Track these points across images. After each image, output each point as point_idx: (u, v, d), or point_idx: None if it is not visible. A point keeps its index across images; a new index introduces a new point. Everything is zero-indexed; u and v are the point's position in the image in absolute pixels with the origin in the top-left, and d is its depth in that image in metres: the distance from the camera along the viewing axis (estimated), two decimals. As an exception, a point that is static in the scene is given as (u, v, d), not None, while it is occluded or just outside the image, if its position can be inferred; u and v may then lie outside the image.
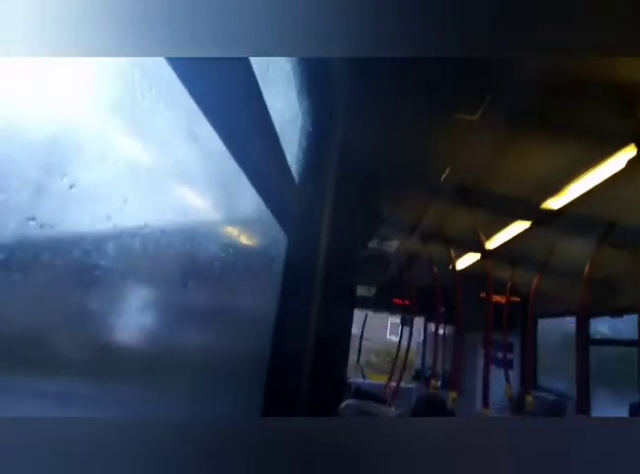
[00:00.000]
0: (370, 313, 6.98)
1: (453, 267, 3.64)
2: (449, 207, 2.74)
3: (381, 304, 5.96)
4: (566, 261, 3.53)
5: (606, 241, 2.68)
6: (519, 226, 2.88)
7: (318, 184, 1.26)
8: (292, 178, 1.03)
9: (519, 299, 4.54)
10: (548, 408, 4.21)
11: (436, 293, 4.06)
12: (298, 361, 1.14)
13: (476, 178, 2.32)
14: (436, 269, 3.94)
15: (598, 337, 4.04)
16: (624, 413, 2.57)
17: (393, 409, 3.77)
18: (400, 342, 5.32)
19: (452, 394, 3.31)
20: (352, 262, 1.56)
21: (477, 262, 3.68)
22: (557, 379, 4.56)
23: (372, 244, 3.48)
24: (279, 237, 1.06)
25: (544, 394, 4.45)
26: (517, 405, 3.96)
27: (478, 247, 3.18)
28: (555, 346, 5.04)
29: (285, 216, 1.00)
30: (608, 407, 3.52)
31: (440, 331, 5.05)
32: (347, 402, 3.63)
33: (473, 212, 2.59)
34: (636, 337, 2.50)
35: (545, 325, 5.10)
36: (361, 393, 4.49)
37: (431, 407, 2.65)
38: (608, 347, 4.09)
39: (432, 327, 5.55)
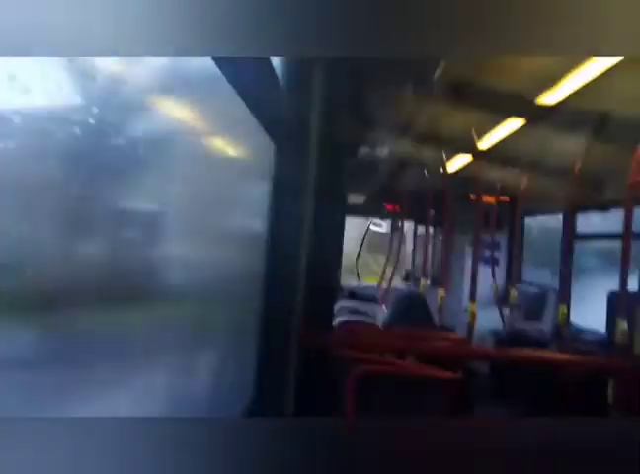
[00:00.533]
0: (362, 220, 7.08)
1: (444, 169, 3.63)
2: (442, 107, 2.66)
3: (373, 210, 6.03)
4: (557, 158, 3.52)
5: (598, 137, 2.66)
6: (512, 124, 2.83)
7: (305, 90, 1.20)
8: (279, 84, 0.98)
9: (508, 199, 4.60)
10: (531, 299, 4.47)
11: (426, 197, 4.10)
12: (294, 270, 1.18)
13: (469, 73, 2.22)
14: (426, 172, 3.93)
15: (583, 232, 4.17)
16: (604, 302, 2.75)
17: (384, 307, 4.00)
18: (391, 245, 5.46)
19: (441, 292, 3.48)
20: (342, 168, 1.54)
21: (468, 163, 3.66)
22: (541, 274, 4.79)
23: (363, 149, 3.42)
24: (267, 146, 1.03)
25: (527, 287, 4.70)
26: (501, 299, 4.19)
27: (470, 148, 3.14)
28: (542, 243, 5.22)
29: (274, 125, 0.96)
30: (588, 297, 3.74)
31: (431, 233, 5.17)
32: (341, 304, 3.84)
33: (465, 111, 2.52)
34: (621, 230, 2.59)
35: (533, 223, 5.23)
36: (355, 295, 4.73)
37: (409, 303, 2.82)
38: (593, 242, 4.24)
39: (422, 230, 5.67)
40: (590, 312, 3.42)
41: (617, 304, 2.44)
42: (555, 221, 4.14)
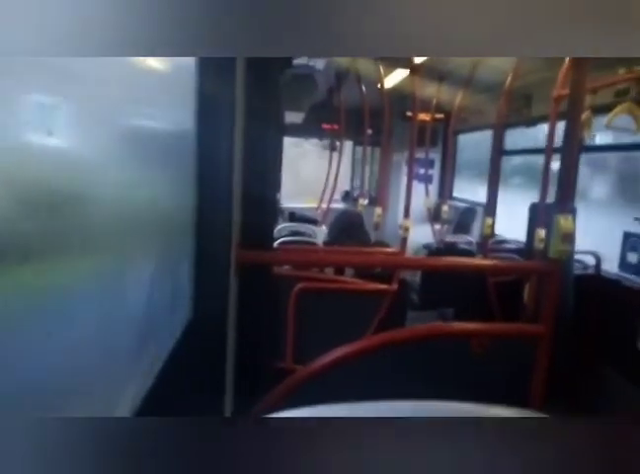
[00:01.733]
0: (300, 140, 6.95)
1: (382, 85, 3.56)
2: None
3: (310, 130, 5.91)
4: (489, 74, 3.55)
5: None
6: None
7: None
8: None
9: (442, 116, 4.65)
10: (461, 214, 4.73)
11: (364, 115, 4.04)
12: (228, 193, 1.14)
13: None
14: (364, 88, 3.84)
15: (510, 148, 4.36)
16: (525, 211, 2.95)
17: (324, 228, 4.06)
18: (330, 165, 5.44)
19: (378, 210, 3.57)
20: (277, 83, 1.46)
21: (405, 79, 3.61)
22: (471, 190, 5.03)
23: (298, 61, 3.25)
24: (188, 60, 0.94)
25: (458, 203, 4.94)
26: (434, 214, 4.39)
27: (406, 62, 3.08)
28: (472, 159, 5.41)
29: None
30: (512, 206, 4.00)
31: (368, 152, 5.18)
32: (281, 225, 3.86)
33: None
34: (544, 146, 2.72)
35: (465, 140, 5.38)
36: (295, 217, 4.75)
37: (347, 221, 2.90)
38: (520, 157, 4.45)
39: (359, 150, 5.66)
40: (514, 224, 3.67)
41: (537, 215, 2.64)
42: (487, 138, 4.27)
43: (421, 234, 4.20)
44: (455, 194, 5.28)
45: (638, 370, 2.58)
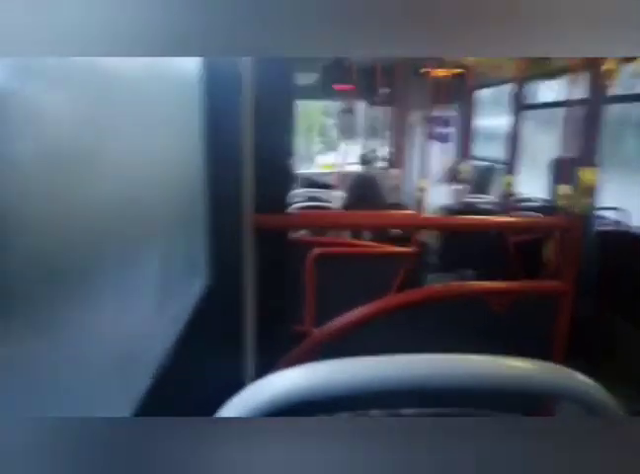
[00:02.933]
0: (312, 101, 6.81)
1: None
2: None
3: (324, 91, 5.78)
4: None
5: None
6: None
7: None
8: None
9: (459, 71, 4.48)
10: (480, 173, 4.62)
11: (376, 73, 3.92)
12: (238, 157, 1.12)
13: None
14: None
15: (530, 102, 4.19)
16: (545, 168, 2.86)
17: (340, 192, 4.03)
18: (345, 128, 5.33)
19: (396, 171, 3.51)
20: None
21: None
22: (492, 148, 4.89)
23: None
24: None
25: (477, 162, 4.82)
26: (452, 174, 4.29)
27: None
28: (492, 115, 5.23)
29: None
30: (530, 167, 3.89)
31: (383, 113, 5.05)
32: (297, 191, 3.84)
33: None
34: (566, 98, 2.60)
35: (485, 95, 5.19)
36: (310, 182, 4.72)
37: (362, 185, 2.86)
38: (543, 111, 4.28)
39: (374, 110, 5.52)
40: (535, 180, 3.58)
41: (558, 170, 2.55)
42: (506, 93, 4.11)
43: (439, 195, 4.13)
44: (475, 152, 5.14)
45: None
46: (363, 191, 2.80)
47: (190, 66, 0.94)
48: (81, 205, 0.49)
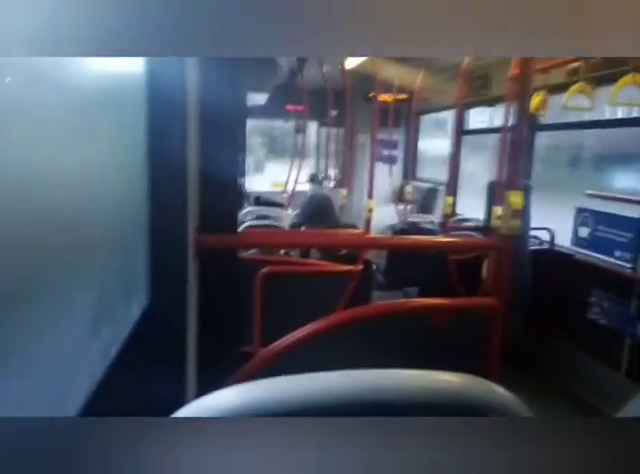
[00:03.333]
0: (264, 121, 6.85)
1: (343, 67, 3.54)
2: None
3: (275, 112, 5.83)
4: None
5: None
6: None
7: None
8: None
9: (405, 97, 4.68)
10: (424, 194, 4.81)
11: (327, 96, 4.02)
12: (182, 175, 1.11)
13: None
14: (327, 69, 3.81)
15: (470, 128, 4.43)
16: (483, 191, 3.03)
17: (290, 211, 4.05)
18: (296, 147, 5.40)
19: (343, 191, 3.58)
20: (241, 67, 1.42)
21: (366, 60, 3.60)
22: (434, 170, 5.11)
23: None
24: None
25: (420, 183, 5.01)
26: (398, 194, 4.45)
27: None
28: (434, 139, 5.48)
29: None
30: (470, 186, 4.09)
31: (333, 133, 5.17)
32: (247, 209, 3.82)
33: None
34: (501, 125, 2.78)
35: (428, 120, 5.44)
36: (260, 201, 4.72)
37: (316, 204, 2.90)
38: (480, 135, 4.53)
39: (324, 131, 5.64)
40: (475, 202, 3.77)
41: (492, 192, 2.71)
42: (449, 118, 4.33)
43: (386, 215, 4.25)
44: (419, 174, 5.36)
45: (589, 339, 2.72)
46: (316, 211, 2.82)
47: (133, 72, 0.93)
48: (9, 222, 0.47)
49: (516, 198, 1.18)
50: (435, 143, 5.40)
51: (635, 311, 2.45)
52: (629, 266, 2.55)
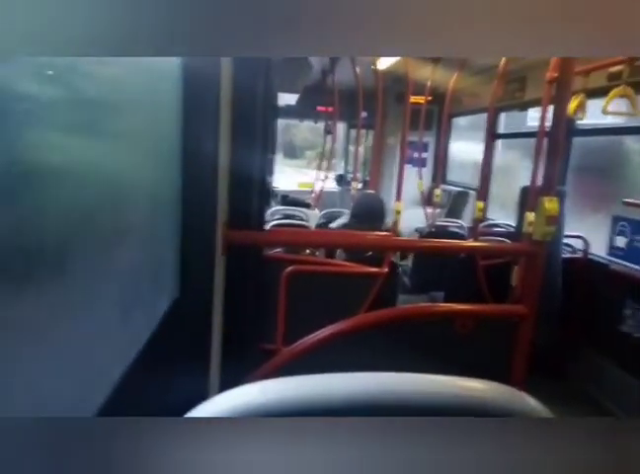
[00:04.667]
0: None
1: (376, 67, 3.52)
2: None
3: (305, 112, 5.86)
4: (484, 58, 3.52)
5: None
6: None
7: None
8: None
9: (435, 99, 4.62)
10: (453, 197, 4.73)
11: (358, 97, 4.01)
12: (213, 172, 1.13)
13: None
14: (358, 70, 3.80)
15: (504, 131, 4.34)
16: (515, 195, 2.96)
17: (317, 211, 4.06)
18: (324, 149, 5.40)
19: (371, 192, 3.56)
20: (269, 63, 1.44)
21: (399, 61, 3.57)
22: (465, 174, 5.03)
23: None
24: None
25: (451, 187, 4.94)
26: (427, 198, 4.39)
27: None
28: (465, 144, 5.39)
29: None
30: (502, 194, 4.00)
31: (362, 135, 5.15)
32: (274, 208, 3.85)
33: None
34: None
35: (460, 122, 5.35)
36: (288, 200, 4.74)
37: (368, 204, 2.85)
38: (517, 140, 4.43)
39: (354, 132, 5.62)
40: (506, 208, 3.69)
41: (526, 198, 2.65)
42: (482, 121, 4.25)
43: (414, 218, 4.21)
44: (450, 177, 5.28)
45: (621, 352, 2.62)
46: (369, 212, 2.73)
47: (169, 69, 0.95)
48: (45, 209, 0.49)
49: (551, 204, 1.15)
50: (467, 146, 5.31)
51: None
52: (668, 278, 2.45)
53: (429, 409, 0.43)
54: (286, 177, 6.22)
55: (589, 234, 3.00)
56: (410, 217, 3.80)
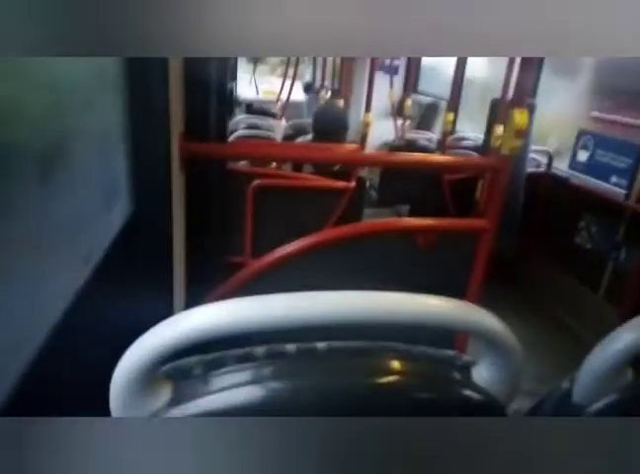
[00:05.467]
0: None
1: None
2: None
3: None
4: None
5: None
6: None
7: None
8: None
9: None
10: (424, 109, 4.62)
11: None
12: (163, 77, 1.02)
13: None
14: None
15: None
16: (486, 108, 2.90)
17: (283, 121, 3.90)
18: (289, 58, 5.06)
19: (340, 102, 3.42)
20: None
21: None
22: (436, 84, 4.86)
23: None
24: None
25: (422, 97, 4.79)
26: (397, 108, 4.25)
27: None
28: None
29: None
30: (473, 105, 3.92)
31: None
32: (238, 118, 3.66)
33: None
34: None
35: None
36: (253, 109, 4.52)
37: (327, 116, 2.73)
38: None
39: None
40: (477, 120, 3.63)
41: (496, 110, 2.60)
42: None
43: (384, 130, 4.11)
44: (421, 87, 5.10)
45: (574, 263, 2.79)
46: (332, 125, 2.62)
47: None
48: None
49: (521, 118, 1.12)
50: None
51: (621, 237, 2.48)
52: (624, 192, 2.54)
53: (385, 326, 0.43)
54: (245, 84, 5.84)
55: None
56: (379, 130, 3.71)
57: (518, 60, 2.10)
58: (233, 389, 0.41)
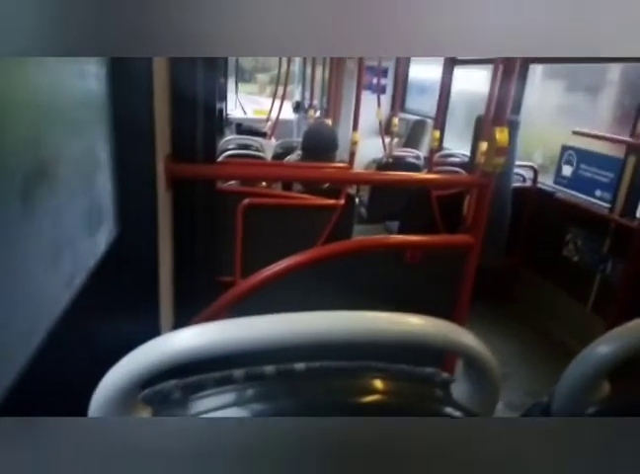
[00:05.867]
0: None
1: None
2: None
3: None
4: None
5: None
6: None
7: None
8: None
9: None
10: (412, 127, 4.69)
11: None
12: (146, 98, 1.03)
13: None
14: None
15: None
16: (471, 124, 2.96)
17: (273, 140, 3.93)
18: (279, 75, 5.14)
19: (328, 121, 3.46)
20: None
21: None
22: (423, 103, 4.94)
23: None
24: None
25: (409, 115, 4.87)
26: (385, 126, 4.32)
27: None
28: (427, 68, 5.25)
29: None
30: (460, 122, 3.99)
31: (319, 60, 4.92)
32: (228, 137, 3.69)
33: None
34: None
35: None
36: (242, 129, 4.56)
37: (317, 134, 2.75)
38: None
39: (310, 58, 5.35)
40: (463, 137, 3.69)
41: (480, 128, 2.65)
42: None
43: (372, 148, 4.16)
44: (408, 105, 5.18)
45: (561, 275, 2.81)
46: (321, 144, 2.62)
47: None
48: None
49: (502, 136, 1.14)
50: (428, 72, 5.18)
51: (607, 249, 2.51)
52: (608, 205, 2.58)
53: (366, 345, 0.43)
54: (233, 104, 5.90)
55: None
56: (367, 147, 3.75)
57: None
58: (213, 412, 0.41)
